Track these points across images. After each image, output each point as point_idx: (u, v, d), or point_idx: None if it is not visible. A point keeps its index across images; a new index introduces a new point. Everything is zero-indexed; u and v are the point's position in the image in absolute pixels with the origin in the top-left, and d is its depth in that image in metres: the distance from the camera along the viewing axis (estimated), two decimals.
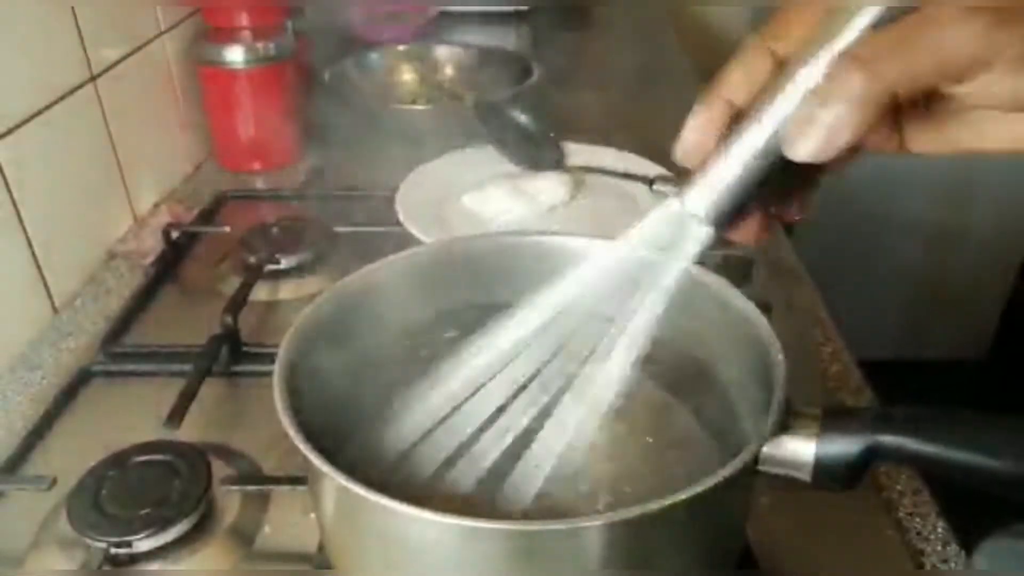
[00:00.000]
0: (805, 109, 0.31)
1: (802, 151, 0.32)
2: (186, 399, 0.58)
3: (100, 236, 0.83)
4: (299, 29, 1.02)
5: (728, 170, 0.34)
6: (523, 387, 0.50)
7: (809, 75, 0.32)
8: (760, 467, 0.38)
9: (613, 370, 0.42)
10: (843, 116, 0.30)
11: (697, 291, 0.46)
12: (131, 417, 0.61)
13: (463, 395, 0.51)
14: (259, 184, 0.98)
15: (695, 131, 0.35)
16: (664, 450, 0.49)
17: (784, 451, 0.38)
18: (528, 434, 0.49)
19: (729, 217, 0.36)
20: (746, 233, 0.37)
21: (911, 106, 0.32)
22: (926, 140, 0.34)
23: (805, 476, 0.38)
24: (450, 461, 0.47)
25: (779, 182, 0.34)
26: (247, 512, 0.53)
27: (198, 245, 0.85)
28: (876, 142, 0.33)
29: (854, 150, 0.32)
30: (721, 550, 0.41)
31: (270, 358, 0.42)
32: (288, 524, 0.53)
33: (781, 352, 0.40)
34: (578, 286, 0.43)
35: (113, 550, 0.49)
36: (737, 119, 0.34)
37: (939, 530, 0.53)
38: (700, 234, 0.36)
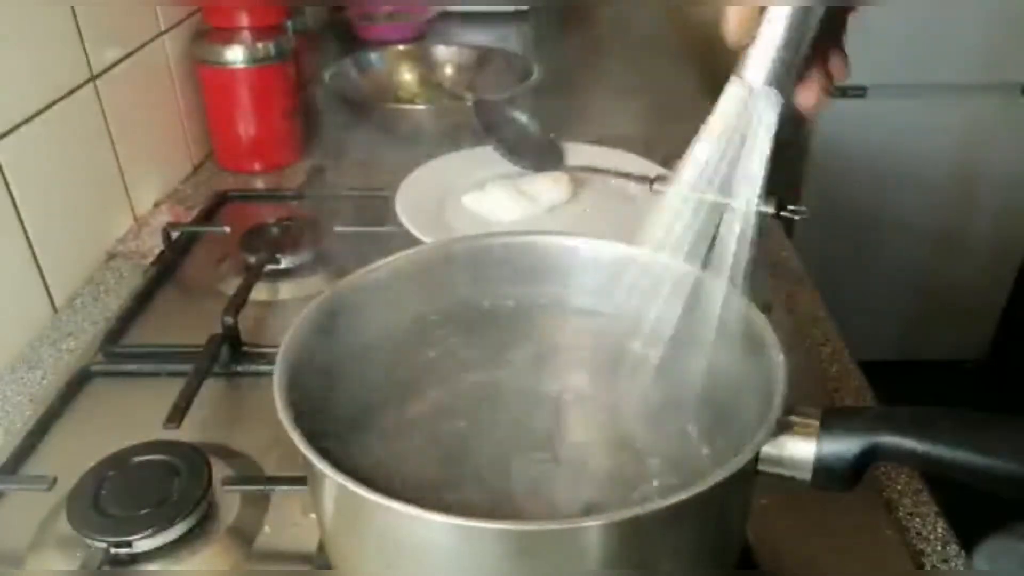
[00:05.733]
0: None
1: None
2: (186, 399, 0.58)
3: (100, 236, 0.83)
4: (299, 29, 1.02)
5: (774, 38, 0.38)
6: (524, 385, 0.50)
7: None
8: (760, 467, 0.38)
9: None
10: None
11: (697, 291, 0.46)
12: (131, 417, 0.61)
13: (464, 394, 0.51)
14: (259, 184, 0.98)
15: (740, 10, 0.38)
16: (663, 449, 0.49)
17: (784, 451, 0.38)
18: (530, 433, 0.49)
19: (785, 81, 0.39)
20: (807, 97, 0.41)
21: None
22: None
23: (805, 476, 0.38)
24: (451, 461, 0.47)
25: (817, 42, 0.39)
26: (247, 512, 0.53)
27: (198, 245, 0.85)
28: None
29: None
30: (721, 550, 0.41)
31: (270, 358, 0.42)
32: (288, 524, 0.53)
33: (781, 352, 0.40)
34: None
35: (113, 550, 0.49)
36: None
37: (939, 530, 0.53)
38: (770, 100, 0.39)
